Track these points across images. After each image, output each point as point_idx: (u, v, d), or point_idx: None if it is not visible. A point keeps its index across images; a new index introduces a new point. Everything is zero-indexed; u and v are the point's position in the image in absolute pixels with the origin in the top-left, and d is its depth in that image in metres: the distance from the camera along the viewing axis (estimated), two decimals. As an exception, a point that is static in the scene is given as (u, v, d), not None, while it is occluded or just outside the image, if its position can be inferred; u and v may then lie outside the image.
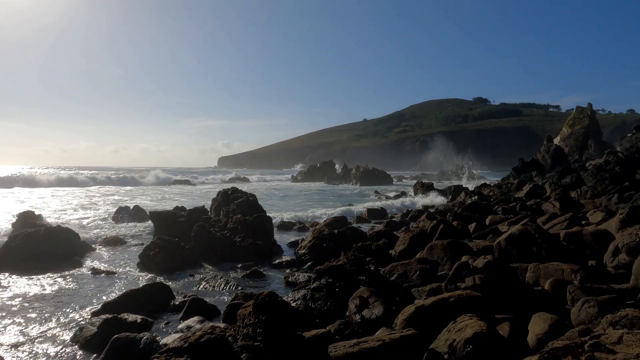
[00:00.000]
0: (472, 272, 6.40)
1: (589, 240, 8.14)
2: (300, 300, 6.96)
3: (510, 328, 4.83)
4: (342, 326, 5.81)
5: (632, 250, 6.65)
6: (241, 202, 14.40)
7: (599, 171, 23.06)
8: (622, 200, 12.22)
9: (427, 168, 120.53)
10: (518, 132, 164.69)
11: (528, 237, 7.92)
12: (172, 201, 26.77)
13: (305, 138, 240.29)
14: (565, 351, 2.90)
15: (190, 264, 10.54)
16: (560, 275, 6.53)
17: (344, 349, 4.24)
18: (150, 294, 7.47)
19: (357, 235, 12.06)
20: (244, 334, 4.58)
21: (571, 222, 10.59)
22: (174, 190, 39.58)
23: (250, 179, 66.59)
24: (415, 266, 7.82)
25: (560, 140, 49.68)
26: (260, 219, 12.79)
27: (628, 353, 2.66)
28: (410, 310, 5.35)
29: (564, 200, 14.60)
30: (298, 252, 11.43)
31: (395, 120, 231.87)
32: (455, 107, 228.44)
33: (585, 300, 4.85)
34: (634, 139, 26.21)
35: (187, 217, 13.52)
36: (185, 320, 6.74)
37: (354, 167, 60.38)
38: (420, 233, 10.41)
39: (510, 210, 16.76)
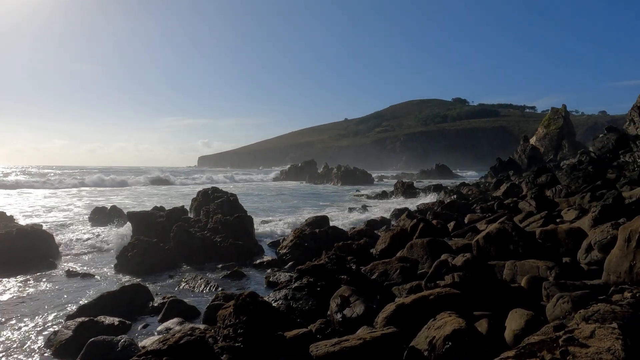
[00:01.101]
0: (451, 270, 6.50)
1: (563, 237, 8.36)
2: (281, 300, 6.94)
3: (488, 324, 4.93)
4: (323, 325, 5.82)
5: (604, 247, 6.86)
6: (221, 201, 14.26)
7: (573, 170, 23.75)
8: (594, 199, 12.60)
9: (408, 167, 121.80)
10: (496, 132, 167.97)
11: (505, 235, 8.09)
12: (150, 201, 26.31)
13: (287, 137, 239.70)
14: (541, 346, 2.97)
15: (169, 265, 10.38)
16: (536, 272, 6.70)
17: (325, 348, 4.24)
18: (128, 295, 7.33)
19: (338, 235, 12.09)
20: (224, 335, 4.53)
21: (546, 220, 10.87)
22: (152, 190, 38.92)
23: (230, 178, 66.00)
24: (395, 265, 7.89)
25: (536, 140, 50.93)
26: (241, 219, 12.69)
27: (600, 347, 2.75)
28: (391, 309, 5.40)
29: (540, 199, 14.97)
30: (279, 251, 11.39)
31: (376, 120, 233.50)
32: (434, 107, 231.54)
33: (559, 296, 4.97)
34: (605, 139, 27.07)
35: (167, 217, 13.31)
36: (165, 322, 6.64)
37: (335, 167, 60.58)
38: (401, 232, 10.51)
39: (488, 209, 17.09)
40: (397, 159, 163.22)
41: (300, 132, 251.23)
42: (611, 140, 26.40)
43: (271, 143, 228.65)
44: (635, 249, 5.77)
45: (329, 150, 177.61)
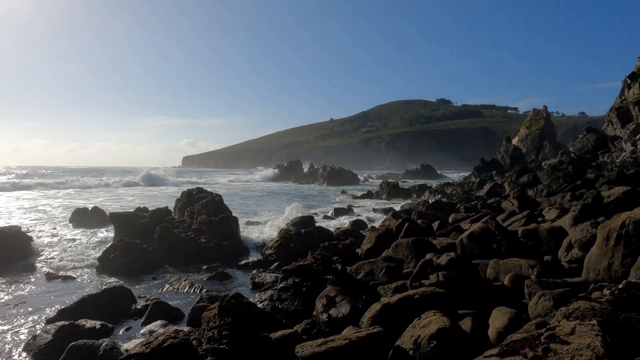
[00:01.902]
0: (436, 269, 6.56)
1: (544, 236, 8.51)
2: (267, 301, 6.91)
3: (472, 323, 4.98)
4: (309, 326, 5.81)
5: (584, 246, 7.01)
6: (206, 202, 14.12)
7: (554, 170, 24.23)
8: (574, 198, 12.87)
9: (393, 167, 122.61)
10: (479, 133, 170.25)
11: (488, 235, 8.20)
12: (133, 202, 25.91)
13: (273, 138, 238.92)
14: (523, 343, 3.01)
15: (153, 267, 10.23)
16: (518, 270, 6.80)
17: (311, 349, 4.23)
18: (110, 298, 7.20)
19: (324, 235, 12.09)
20: (209, 337, 4.48)
21: (528, 219, 11.05)
22: (135, 191, 38.34)
23: (217, 178, 65.43)
24: (381, 264, 7.92)
25: (518, 141, 51.78)
26: (226, 220, 12.59)
27: (580, 343, 2.80)
28: (377, 308, 5.42)
29: (522, 199, 15.22)
30: (265, 252, 11.33)
31: (361, 120, 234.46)
32: (419, 107, 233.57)
33: (541, 294, 5.06)
34: (585, 140, 27.69)
35: (150, 218, 13.12)
36: (148, 325, 6.54)
37: (321, 167, 60.59)
38: (386, 232, 10.56)
39: (472, 209, 17.32)
40: (383, 159, 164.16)
41: (286, 132, 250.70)
42: (590, 140, 27.03)
43: (257, 143, 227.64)
44: (613, 247, 5.91)
45: (315, 150, 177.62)
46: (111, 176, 53.44)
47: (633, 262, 5.69)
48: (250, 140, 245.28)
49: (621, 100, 27.49)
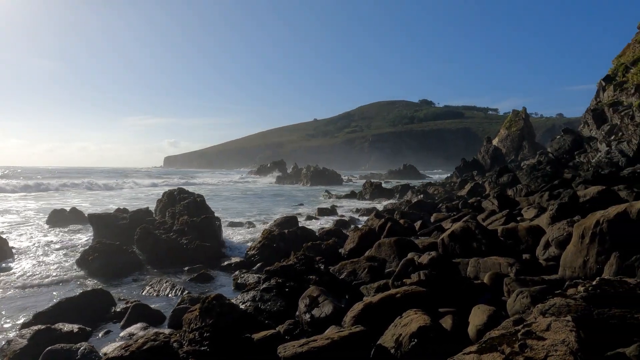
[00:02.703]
0: (417, 268, 6.63)
1: (523, 235, 8.69)
2: (249, 301, 6.87)
3: (452, 321, 5.06)
4: (291, 326, 5.80)
5: (560, 244, 7.18)
6: (188, 202, 13.96)
7: (533, 170, 24.75)
8: (552, 198, 13.16)
9: (377, 167, 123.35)
10: (461, 133, 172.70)
11: (469, 234, 8.33)
12: (112, 203, 25.44)
13: (256, 137, 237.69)
14: (501, 340, 3.07)
15: (133, 269, 10.06)
16: (497, 268, 6.93)
17: (293, 349, 4.23)
18: (89, 301, 7.05)
19: (307, 235, 12.08)
20: (190, 339, 4.44)
21: (508, 218, 11.27)
22: (113, 192, 37.66)
23: (198, 179, 64.75)
24: (364, 264, 7.96)
25: (498, 142, 52.71)
26: (208, 220, 12.47)
27: (555, 339, 2.87)
28: (359, 308, 5.45)
29: (502, 198, 15.50)
30: (248, 253, 11.26)
31: (345, 121, 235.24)
32: (402, 108, 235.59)
33: (519, 291, 5.16)
34: (562, 140, 28.36)
35: (130, 219, 12.91)
36: (128, 328, 6.43)
37: (304, 167, 60.56)
38: (369, 231, 10.62)
39: (453, 208, 17.55)
40: (366, 159, 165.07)
41: (269, 132, 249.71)
42: (567, 141, 27.69)
43: (240, 143, 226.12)
44: (588, 245, 6.07)
45: (299, 151, 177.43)
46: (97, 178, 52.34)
47: (607, 260, 5.86)
48: (234, 140, 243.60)
49: (596, 102, 28.26)
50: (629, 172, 16.24)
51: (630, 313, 3.41)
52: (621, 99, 25.20)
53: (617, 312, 3.45)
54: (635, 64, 25.62)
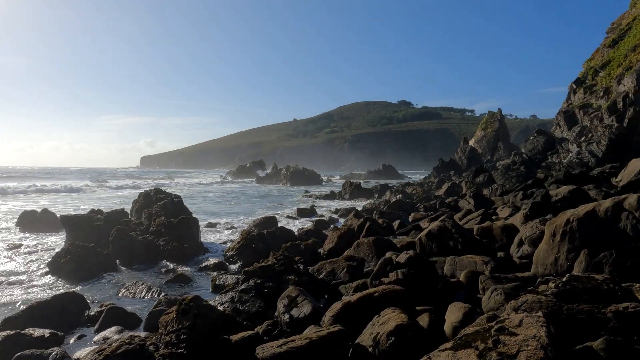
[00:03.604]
0: (395, 267, 6.70)
1: (498, 233, 8.90)
2: (228, 303, 6.81)
3: (429, 318, 5.14)
4: (270, 327, 5.78)
5: (533, 242, 7.38)
6: (165, 203, 13.73)
7: (507, 170, 25.36)
8: (525, 197, 13.52)
9: (356, 167, 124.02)
10: (439, 134, 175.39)
11: (446, 233, 8.47)
12: (86, 205, 24.80)
13: (235, 137, 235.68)
14: (475, 336, 3.14)
15: (108, 271, 9.83)
16: (473, 266, 7.07)
17: (272, 350, 4.21)
18: (61, 305, 6.85)
19: (286, 235, 12.06)
20: (166, 342, 4.37)
21: (483, 217, 11.51)
22: (87, 194, 36.72)
23: (176, 179, 63.74)
24: (342, 264, 8.00)
25: (474, 142, 53.75)
26: (186, 221, 12.29)
27: (527, 334, 2.95)
28: (338, 307, 5.47)
29: (478, 198, 15.84)
30: (226, 254, 11.16)
31: (325, 121, 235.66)
32: (381, 109, 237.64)
33: (493, 289, 5.28)
34: (535, 141, 29.16)
35: (105, 220, 12.61)
36: (102, 332, 6.28)
37: (284, 167, 60.39)
38: (348, 231, 10.68)
39: (431, 208, 17.82)
40: (346, 159, 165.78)
41: (248, 132, 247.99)
42: (540, 142, 28.49)
43: (219, 143, 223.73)
44: (559, 243, 6.26)
45: (278, 151, 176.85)
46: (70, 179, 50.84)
47: (577, 257, 6.06)
48: (212, 140, 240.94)
49: (568, 105, 29.16)
50: (598, 172, 16.82)
51: (598, 308, 3.54)
52: (591, 102, 26.09)
53: (585, 307, 3.57)
54: (603, 68, 26.55)
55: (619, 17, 29.86)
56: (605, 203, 6.23)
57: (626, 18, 27.99)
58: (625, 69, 22.57)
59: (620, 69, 23.65)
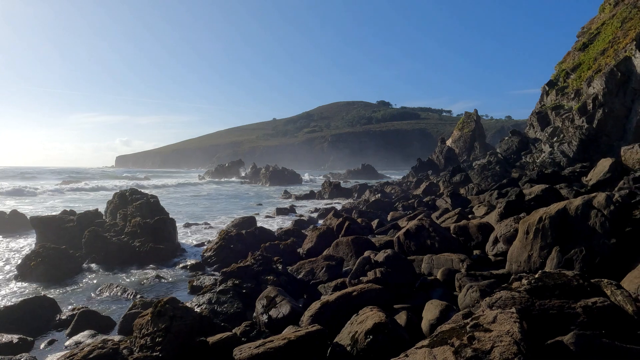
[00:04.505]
0: (374, 266, 6.74)
1: (474, 232, 9.06)
2: (205, 304, 6.72)
3: (407, 316, 5.18)
4: (248, 328, 5.73)
5: (508, 240, 7.54)
6: (140, 204, 13.44)
7: (483, 170, 25.85)
8: (500, 196, 13.82)
9: (336, 167, 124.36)
10: (417, 134, 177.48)
11: (423, 231, 8.57)
12: (57, 206, 24.07)
13: (213, 137, 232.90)
14: (451, 333, 3.18)
15: (81, 273, 9.57)
16: (450, 264, 7.18)
17: (249, 351, 4.17)
18: (31, 309, 6.62)
19: (265, 235, 11.99)
20: (140, 345, 4.27)
21: (460, 216, 11.70)
22: (58, 195, 35.66)
23: (153, 178, 62.51)
24: (321, 263, 8.00)
25: (452, 142, 54.61)
26: (162, 222, 12.07)
27: (501, 330, 3.01)
28: (316, 307, 5.47)
29: (455, 197, 16.11)
30: (204, 254, 11.01)
31: (304, 121, 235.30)
32: (360, 109, 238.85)
33: (469, 286, 5.37)
34: (510, 141, 29.82)
35: (77, 221, 12.25)
36: (75, 336, 6.10)
37: (263, 167, 60.02)
38: (327, 231, 10.69)
39: (409, 207, 18.01)
40: (326, 159, 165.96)
41: (227, 132, 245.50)
42: (515, 142, 29.15)
43: (197, 142, 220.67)
44: (532, 241, 6.42)
45: (257, 150, 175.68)
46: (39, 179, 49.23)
47: (549, 254, 6.22)
48: (190, 140, 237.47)
49: (541, 106, 29.94)
50: (570, 172, 17.33)
51: (568, 303, 3.63)
52: (562, 103, 26.86)
53: (556, 303, 3.66)
54: (574, 70, 27.38)
55: (589, 22, 30.84)
56: (576, 201, 6.42)
57: (595, 23, 28.95)
58: (595, 72, 23.33)
59: (590, 71, 24.43)
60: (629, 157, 14.34)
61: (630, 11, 24.38)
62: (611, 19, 26.38)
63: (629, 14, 24.33)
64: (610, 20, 26.27)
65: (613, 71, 21.34)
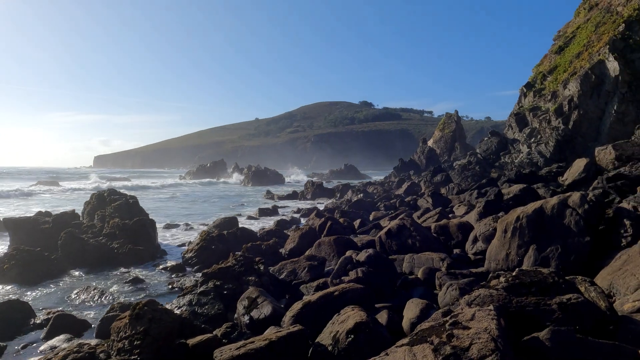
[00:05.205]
0: (356, 266, 6.77)
1: (454, 231, 9.19)
2: (185, 306, 6.63)
3: (388, 315, 5.22)
4: (229, 329, 5.67)
5: (487, 238, 7.68)
6: (119, 204, 13.18)
7: (463, 170, 26.27)
8: (480, 195, 14.05)
9: (319, 167, 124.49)
10: (399, 134, 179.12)
11: (405, 231, 8.65)
12: (33, 207, 23.42)
13: (195, 136, 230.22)
14: (430, 331, 3.22)
15: (57, 276, 9.33)
16: (430, 263, 7.26)
17: (230, 352, 4.13)
18: (3, 313, 6.43)
19: (247, 236, 11.91)
20: (118, 349, 4.19)
21: (441, 215, 11.86)
22: (34, 196, 34.71)
23: (133, 179, 61.38)
24: (303, 263, 7.99)
25: (433, 143, 55.30)
26: (142, 223, 11.87)
27: (479, 327, 3.06)
28: (298, 307, 5.46)
29: (436, 197, 16.31)
30: (185, 256, 10.87)
31: (287, 121, 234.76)
32: (343, 109, 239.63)
33: (449, 284, 5.44)
34: (489, 142, 30.37)
35: (53, 223, 11.95)
36: (50, 340, 5.95)
37: (245, 167, 59.64)
38: (310, 231, 10.68)
39: (391, 207, 18.15)
40: (308, 159, 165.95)
41: (209, 131, 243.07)
42: (494, 143, 29.69)
43: (178, 142, 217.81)
44: (510, 239, 6.55)
45: (239, 150, 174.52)
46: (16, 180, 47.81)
47: (526, 252, 6.36)
48: (171, 139, 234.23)
49: (519, 107, 30.58)
50: (547, 172, 17.74)
51: (544, 300, 3.72)
52: (540, 105, 27.49)
53: (532, 300, 3.74)
54: (551, 73, 28.05)
55: (565, 25, 31.64)
56: (552, 201, 6.58)
57: (571, 27, 29.71)
58: (570, 75, 23.96)
59: (565, 74, 25.08)
60: (603, 158, 14.78)
61: (603, 16, 25.12)
62: (586, 23, 27.13)
63: (602, 18, 25.07)
64: (585, 25, 27.01)
65: (587, 74, 21.95)
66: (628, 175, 11.28)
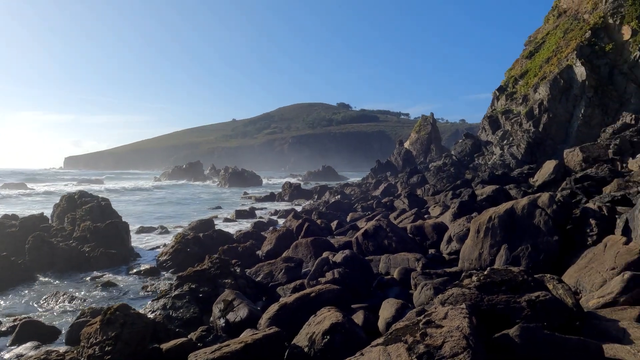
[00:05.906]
0: (332, 267, 6.79)
1: (429, 231, 9.34)
2: (159, 310, 6.51)
3: (364, 315, 5.26)
4: (205, 332, 5.60)
5: (461, 239, 7.83)
6: (91, 207, 12.83)
7: (439, 172, 26.73)
8: (455, 196, 14.32)
9: (296, 169, 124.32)
10: (376, 136, 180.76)
11: (381, 232, 8.74)
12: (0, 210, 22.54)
13: (171, 137, 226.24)
14: (405, 331, 3.26)
15: (24, 281, 9.01)
16: (406, 264, 7.36)
17: (205, 356, 4.08)
18: (-34, 321, 6.16)
19: (223, 238, 11.78)
20: (88, 355, 4.07)
21: (416, 216, 12.02)
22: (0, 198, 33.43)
23: (105, 181, 59.81)
24: (280, 265, 7.97)
25: (409, 144, 56.07)
26: (114, 225, 11.58)
27: (451, 326, 3.12)
28: (274, 309, 5.44)
29: (412, 198, 16.53)
30: (159, 259, 10.67)
31: (264, 122, 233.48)
32: (321, 111, 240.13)
33: (424, 284, 5.53)
34: (464, 144, 31.01)
35: (20, 226, 11.53)
36: (16, 348, 5.74)
37: (222, 168, 59.00)
38: (287, 232, 10.66)
39: (368, 208, 18.29)
40: (286, 160, 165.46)
41: (185, 132, 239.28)
42: (468, 145, 30.34)
43: (153, 143, 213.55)
44: (483, 239, 6.70)
45: (216, 151, 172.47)
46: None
47: (498, 251, 6.52)
48: (146, 140, 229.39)
49: (492, 110, 31.36)
50: (518, 173, 18.25)
51: (514, 298, 3.82)
52: (512, 108, 28.26)
53: (503, 298, 3.84)
54: (522, 77, 28.89)
55: (535, 31, 32.65)
56: (522, 201, 6.77)
57: (541, 32, 30.69)
58: (540, 79, 24.74)
59: (536, 78, 25.87)
60: (571, 159, 15.30)
61: (571, 23, 26.05)
62: (555, 29, 28.07)
63: (570, 25, 25.99)
64: (554, 31, 27.95)
65: (557, 79, 22.71)
66: (594, 176, 11.72)
